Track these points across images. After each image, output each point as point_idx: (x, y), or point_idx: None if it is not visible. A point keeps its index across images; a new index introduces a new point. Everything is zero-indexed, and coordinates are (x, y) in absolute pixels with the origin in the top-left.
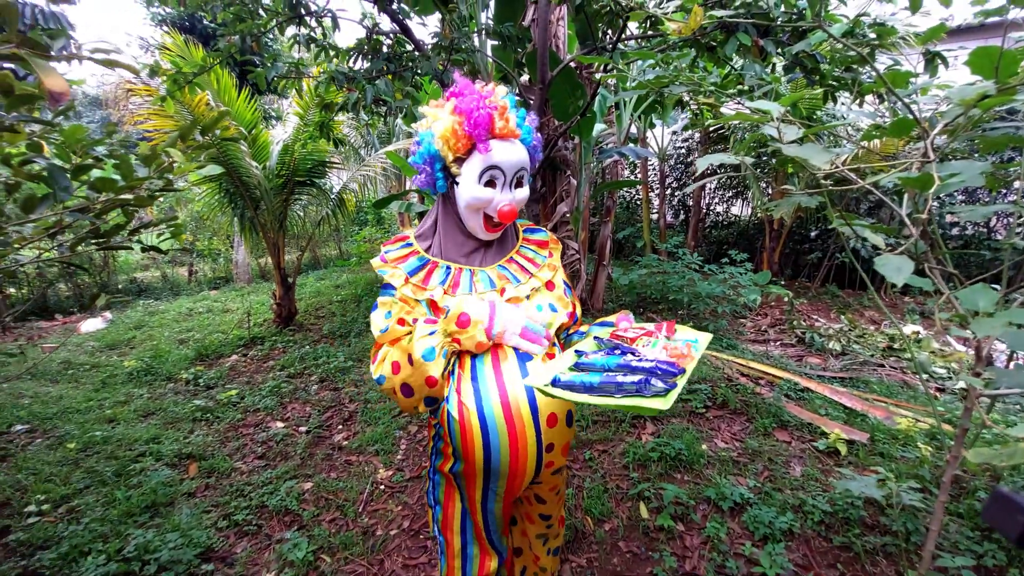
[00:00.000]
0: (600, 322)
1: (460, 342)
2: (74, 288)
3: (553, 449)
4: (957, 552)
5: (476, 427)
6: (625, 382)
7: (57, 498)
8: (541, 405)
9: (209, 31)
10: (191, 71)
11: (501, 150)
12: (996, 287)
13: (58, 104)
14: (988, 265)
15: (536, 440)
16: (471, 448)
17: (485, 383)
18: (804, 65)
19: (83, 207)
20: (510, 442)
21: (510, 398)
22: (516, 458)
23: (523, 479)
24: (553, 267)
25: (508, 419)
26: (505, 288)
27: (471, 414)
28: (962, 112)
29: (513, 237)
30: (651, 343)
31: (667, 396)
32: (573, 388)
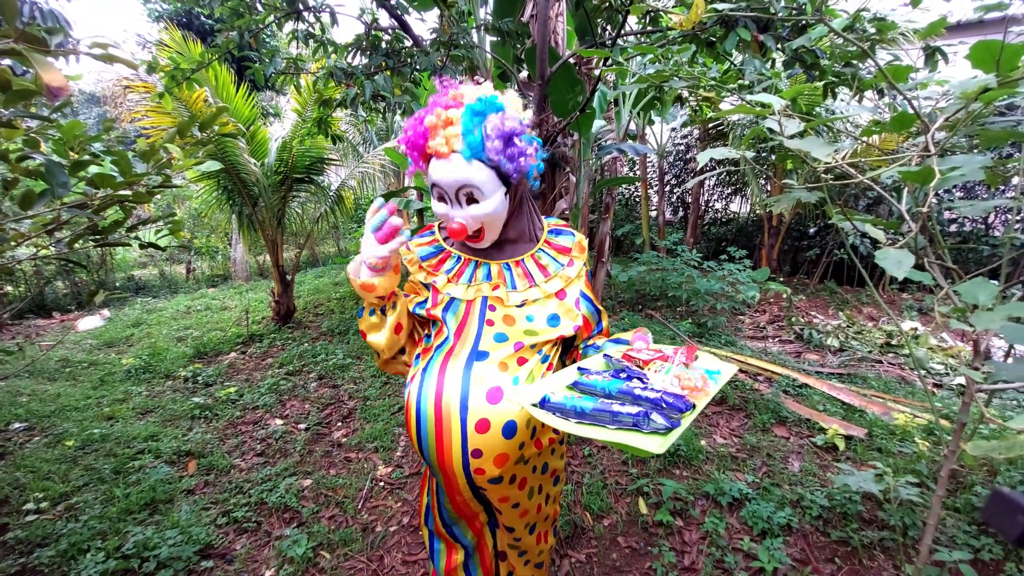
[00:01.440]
0: (615, 339)
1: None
2: (72, 286)
3: (481, 456)
4: (954, 546)
5: (413, 417)
6: (622, 412)
7: (56, 496)
8: (472, 407)
9: (207, 27)
10: (189, 67)
11: (437, 168)
12: (994, 282)
13: (56, 99)
14: (986, 261)
15: (462, 443)
16: (411, 435)
17: (429, 377)
18: (804, 60)
19: (81, 203)
20: (436, 439)
21: (443, 394)
22: (440, 456)
23: (455, 480)
24: (567, 278)
25: (437, 416)
26: (499, 285)
27: (411, 403)
28: (963, 106)
29: (533, 236)
30: (664, 369)
31: (667, 435)
32: (563, 412)
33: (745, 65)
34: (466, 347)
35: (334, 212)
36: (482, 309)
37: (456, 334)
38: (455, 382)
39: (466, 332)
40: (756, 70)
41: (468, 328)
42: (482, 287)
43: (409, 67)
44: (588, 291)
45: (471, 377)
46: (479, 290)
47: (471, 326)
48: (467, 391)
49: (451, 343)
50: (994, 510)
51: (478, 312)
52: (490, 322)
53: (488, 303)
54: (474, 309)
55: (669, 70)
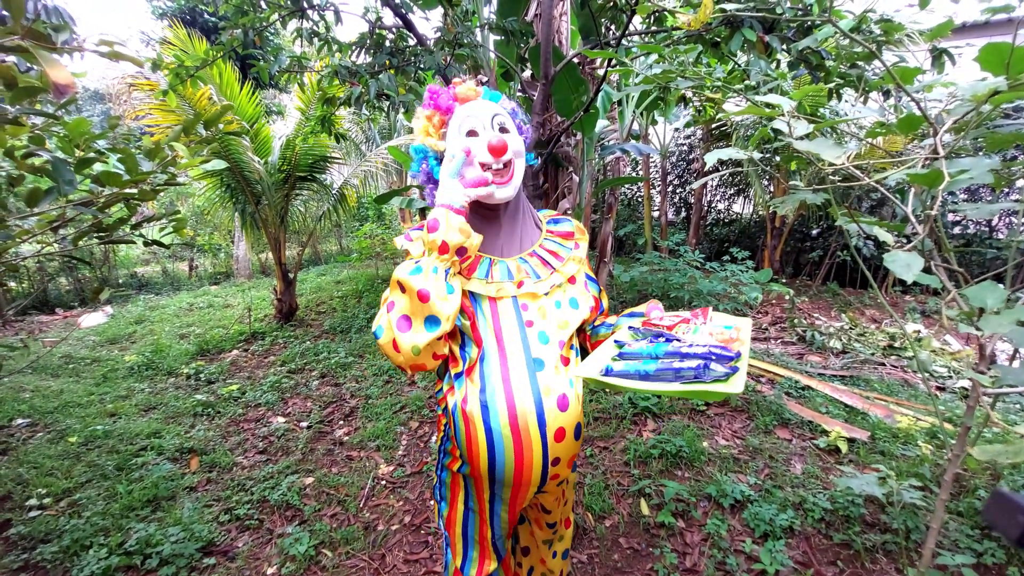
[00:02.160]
0: (629, 312)
1: (445, 246)
2: (75, 282)
3: (559, 463)
4: (957, 550)
5: (482, 439)
6: (683, 367)
7: (58, 492)
8: (549, 420)
9: (211, 25)
10: (193, 65)
11: (468, 106)
12: (1000, 285)
13: (63, 96)
14: (989, 264)
15: (543, 455)
16: (476, 458)
17: (492, 388)
18: (809, 62)
19: (87, 201)
20: (515, 457)
21: (518, 412)
22: (520, 472)
23: (528, 490)
24: (578, 259)
25: (515, 433)
26: (523, 282)
27: (477, 427)
28: (972, 108)
29: (535, 229)
30: (691, 330)
31: (729, 380)
32: (629, 376)
33: (750, 66)
34: (519, 356)
35: (337, 211)
36: (516, 310)
37: (499, 342)
38: (527, 397)
39: (508, 339)
40: (761, 71)
41: (509, 334)
42: (506, 286)
43: (413, 66)
44: (590, 271)
45: (540, 389)
46: (503, 289)
47: (511, 331)
48: (540, 404)
49: (497, 353)
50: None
51: (513, 314)
52: (529, 323)
53: (519, 303)
54: (506, 311)
55: (674, 70)
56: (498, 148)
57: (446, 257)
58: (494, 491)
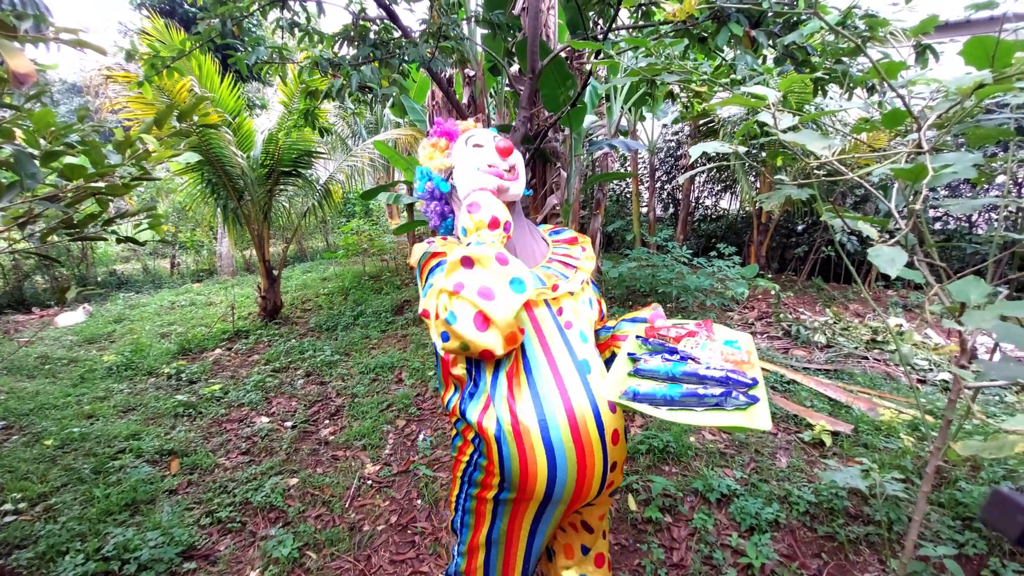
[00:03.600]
0: (631, 318)
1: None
2: (51, 280)
3: (616, 468)
4: (939, 541)
5: (541, 453)
6: (706, 394)
7: (34, 496)
8: (606, 423)
9: (191, 15)
10: (169, 55)
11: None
12: (983, 280)
13: (23, 86)
14: (969, 259)
15: (603, 461)
16: (532, 476)
17: (547, 398)
18: (795, 57)
19: (53, 195)
20: (579, 467)
21: (577, 415)
22: (583, 483)
23: (584, 502)
24: (591, 258)
25: (577, 441)
26: (557, 285)
27: (534, 437)
28: (956, 102)
29: (543, 242)
30: (699, 345)
31: (748, 411)
32: (654, 401)
33: (737, 61)
34: (567, 361)
35: (322, 206)
36: (552, 315)
37: (545, 349)
38: (584, 402)
39: (553, 345)
40: (748, 66)
41: (553, 340)
42: (543, 292)
43: (397, 58)
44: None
45: (594, 393)
46: (541, 293)
47: (554, 336)
48: (597, 408)
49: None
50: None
51: (551, 319)
52: (568, 324)
53: (553, 308)
54: (543, 317)
55: (661, 64)
56: (505, 149)
57: (498, 233)
58: (543, 512)
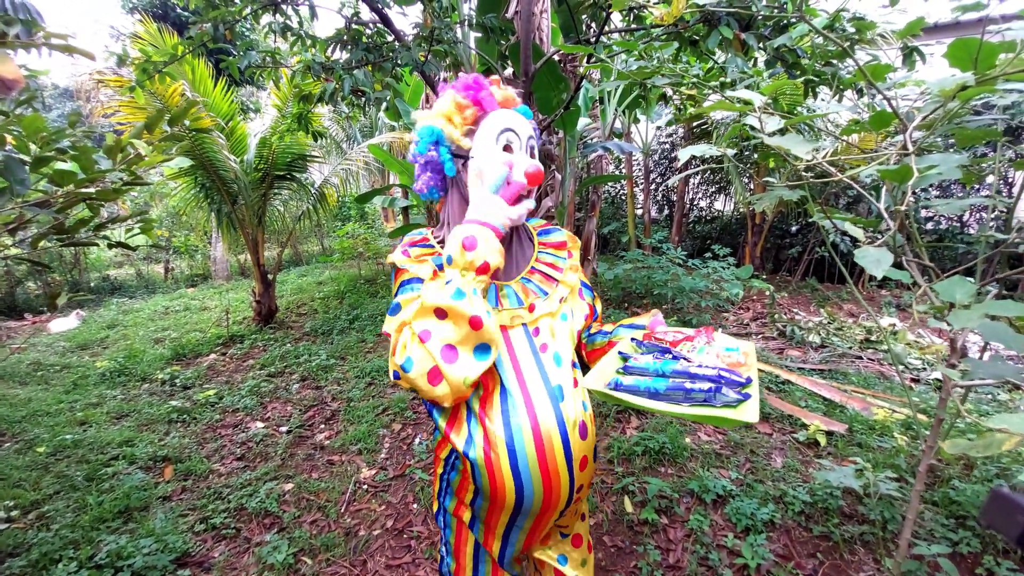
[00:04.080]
0: (630, 323)
1: (487, 267)
2: (44, 286)
3: (582, 489)
4: (933, 540)
5: (508, 475)
6: (694, 389)
7: (26, 504)
8: (575, 452)
9: (183, 19)
10: (161, 60)
11: (510, 115)
12: (970, 279)
13: (10, 92)
14: (961, 258)
15: (569, 486)
16: (501, 494)
17: (518, 423)
18: (785, 60)
19: (43, 201)
20: (544, 492)
21: (546, 451)
22: (548, 505)
23: (551, 518)
24: (575, 267)
25: (543, 469)
26: (535, 304)
27: (502, 459)
28: (940, 104)
29: (529, 243)
30: (696, 349)
31: (739, 407)
32: (637, 393)
33: (728, 63)
34: (540, 388)
35: (317, 210)
36: (528, 337)
37: (518, 374)
38: (553, 429)
39: (527, 370)
40: (738, 68)
41: (526, 365)
42: (519, 313)
43: (391, 62)
44: (585, 278)
45: (565, 421)
46: (516, 316)
47: (528, 361)
48: (567, 435)
49: (518, 387)
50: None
51: (526, 342)
52: (543, 347)
53: (530, 329)
54: (519, 340)
55: (652, 67)
56: (535, 176)
57: (484, 278)
58: (515, 520)
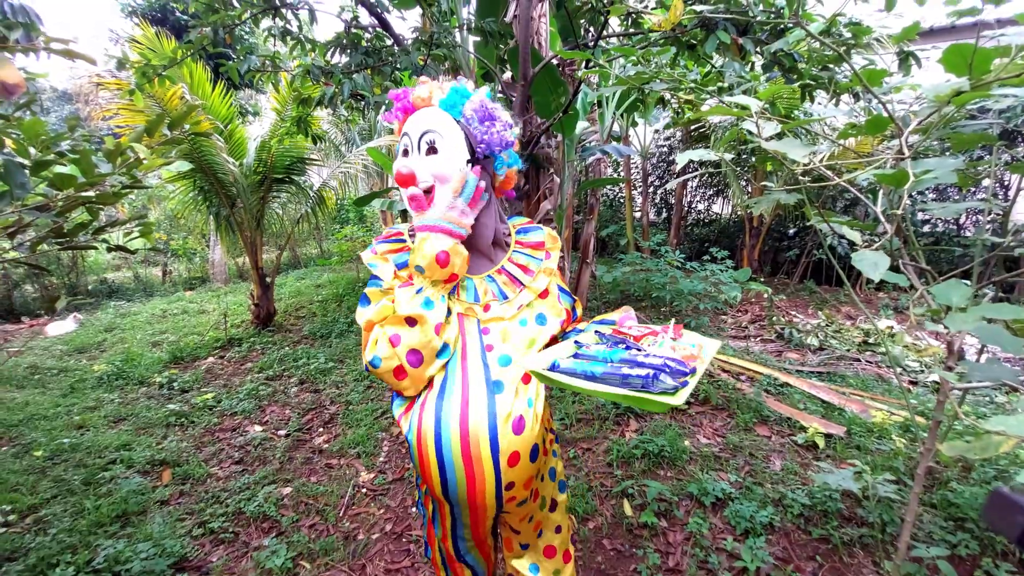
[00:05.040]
0: (601, 319)
1: (455, 277)
2: (42, 289)
3: (514, 487)
4: (932, 542)
5: (434, 460)
6: (631, 375)
7: (24, 508)
8: (503, 445)
9: (182, 23)
10: (160, 64)
11: (410, 120)
12: (967, 282)
13: (11, 96)
14: (958, 261)
15: (496, 480)
16: (430, 480)
17: (447, 411)
18: (782, 64)
19: (43, 205)
20: (467, 482)
21: (470, 434)
22: (473, 497)
23: (485, 513)
24: (549, 271)
25: (466, 458)
26: (490, 305)
27: (429, 445)
28: (936, 109)
29: (504, 242)
30: (657, 343)
31: (676, 393)
32: (573, 375)
33: (725, 68)
34: (479, 378)
35: (315, 213)
36: (479, 333)
37: (463, 359)
38: (481, 421)
39: (471, 359)
40: (736, 73)
41: (472, 354)
42: (474, 308)
43: (389, 66)
44: (561, 282)
45: (497, 413)
46: (471, 309)
47: (474, 352)
48: (495, 428)
49: (460, 370)
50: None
51: (477, 336)
52: (489, 347)
53: (481, 327)
54: (471, 330)
55: (650, 72)
56: (403, 177)
57: (450, 286)
58: (453, 511)
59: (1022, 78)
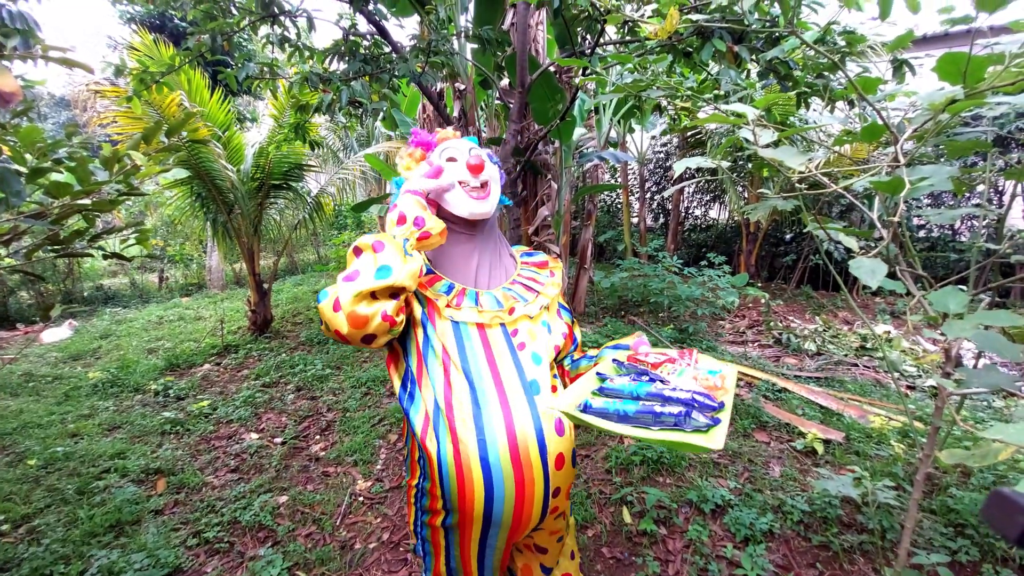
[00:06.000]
0: (614, 345)
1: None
2: (37, 296)
3: (559, 493)
4: (932, 549)
5: (477, 473)
6: (664, 412)
7: (17, 518)
8: (550, 446)
9: (180, 30)
10: (159, 70)
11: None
12: (963, 288)
13: (8, 105)
14: (953, 266)
15: (544, 485)
16: (469, 497)
17: (489, 417)
18: (778, 71)
19: (39, 212)
20: (516, 490)
21: (518, 437)
22: (521, 507)
23: (526, 528)
24: (556, 284)
25: (516, 462)
26: (514, 307)
27: (471, 458)
28: (931, 117)
29: (511, 260)
30: (677, 371)
31: (709, 432)
32: (606, 416)
33: (721, 75)
34: (514, 380)
35: (313, 219)
36: (506, 336)
37: (492, 368)
38: (527, 422)
39: (503, 364)
40: (732, 80)
41: (503, 360)
42: (499, 315)
43: (388, 73)
44: (563, 302)
45: (540, 415)
46: (495, 316)
47: (504, 357)
48: (541, 429)
49: (492, 380)
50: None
51: (504, 341)
52: (521, 345)
53: (508, 330)
54: (496, 339)
55: (646, 80)
56: (477, 166)
57: (404, 227)
58: (485, 536)
59: (1016, 86)
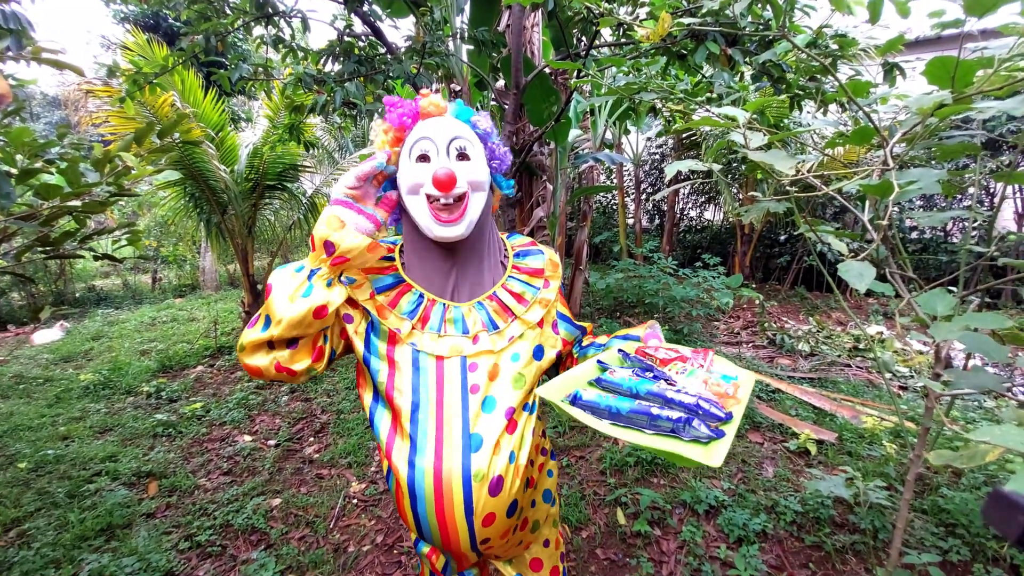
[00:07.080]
0: (624, 334)
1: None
2: (28, 297)
3: (489, 541)
4: (923, 548)
5: (408, 509)
6: (661, 416)
7: (7, 521)
8: (477, 508)
9: (174, 30)
10: (152, 71)
11: (427, 124)
12: (953, 289)
13: None
14: (945, 268)
15: (470, 539)
16: (407, 524)
17: (421, 463)
18: (771, 74)
19: (29, 214)
20: (441, 535)
21: (443, 495)
22: (449, 547)
23: (466, 559)
24: (547, 302)
25: (439, 514)
26: (479, 336)
27: (404, 494)
28: (920, 121)
29: (499, 266)
30: (686, 371)
31: (709, 445)
32: (596, 411)
33: (715, 78)
34: (456, 431)
35: (308, 220)
36: (463, 372)
37: (439, 408)
38: (455, 481)
39: (448, 406)
40: (725, 83)
41: (449, 399)
42: (459, 343)
43: (382, 74)
44: (565, 310)
45: (471, 476)
46: (456, 348)
47: (452, 396)
48: (470, 493)
49: (434, 422)
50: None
51: (458, 379)
52: (474, 388)
53: (468, 363)
54: (451, 373)
55: (640, 82)
56: (443, 181)
57: (314, 255)
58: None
59: (1005, 90)
